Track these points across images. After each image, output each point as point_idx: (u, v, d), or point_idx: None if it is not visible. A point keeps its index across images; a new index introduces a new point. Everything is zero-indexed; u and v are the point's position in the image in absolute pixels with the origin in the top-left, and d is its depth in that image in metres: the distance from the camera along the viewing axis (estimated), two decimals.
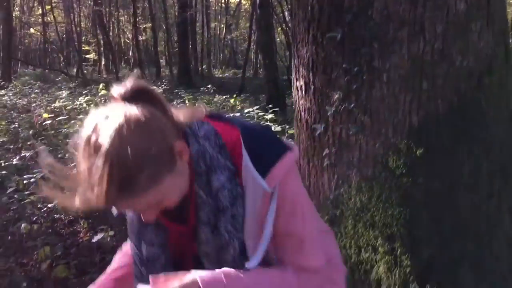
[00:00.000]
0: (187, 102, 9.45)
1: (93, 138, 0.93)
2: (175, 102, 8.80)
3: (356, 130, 1.75)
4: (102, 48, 24.04)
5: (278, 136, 1.19)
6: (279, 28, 17.68)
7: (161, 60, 24.77)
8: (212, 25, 27.86)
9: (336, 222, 1.87)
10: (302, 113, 1.98)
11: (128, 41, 26.72)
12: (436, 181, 1.65)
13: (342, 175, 1.83)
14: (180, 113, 1.10)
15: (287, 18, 15.28)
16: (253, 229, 1.11)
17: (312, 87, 1.88)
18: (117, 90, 1.02)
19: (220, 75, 22.87)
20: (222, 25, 26.95)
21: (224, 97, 10.60)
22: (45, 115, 6.23)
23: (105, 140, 0.92)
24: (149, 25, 22.52)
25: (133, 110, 0.97)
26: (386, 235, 1.72)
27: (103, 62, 24.20)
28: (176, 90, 12.38)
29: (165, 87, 13.22)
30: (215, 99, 10.69)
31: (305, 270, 1.14)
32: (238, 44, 30.49)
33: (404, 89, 1.67)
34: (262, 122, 5.37)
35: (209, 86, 13.08)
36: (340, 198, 1.85)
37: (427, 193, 1.65)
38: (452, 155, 1.65)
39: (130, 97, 1.01)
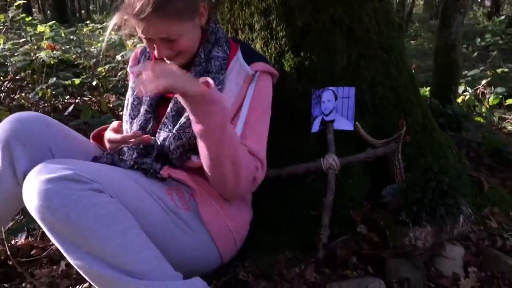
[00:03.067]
0: (62, 34, 8.71)
1: None
2: None
3: None
4: None
5: None
6: None
7: (33, 9, 22.52)
8: None
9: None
10: None
11: None
12: None
13: None
14: None
15: None
16: (229, 106, 1.38)
17: None
18: None
19: (102, 21, 21.40)
20: None
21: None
22: None
23: None
24: None
25: None
26: (262, 9, 1.69)
27: None
28: (48, 23, 11.26)
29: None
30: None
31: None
32: None
33: None
34: None
35: (87, 22, 12.16)
36: None
37: None
38: None
39: None
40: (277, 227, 1.58)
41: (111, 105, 4.04)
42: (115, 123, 1.56)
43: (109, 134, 1.49)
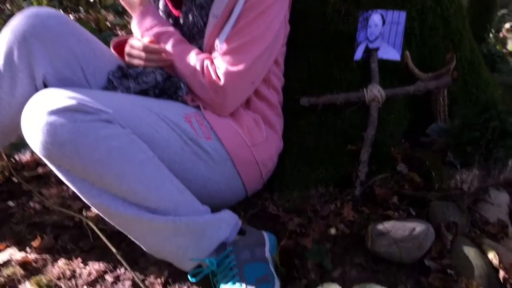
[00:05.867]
0: None
1: None
2: None
3: None
4: None
5: None
6: None
7: None
8: None
9: None
10: None
11: None
12: None
13: None
14: None
15: None
16: (218, 12, 1.21)
17: None
18: None
19: None
20: None
21: None
22: None
23: None
24: None
25: None
26: None
27: None
28: None
29: None
30: None
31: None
32: None
33: None
34: None
35: None
36: None
37: None
38: None
39: None
40: (309, 160, 1.46)
41: (109, 24, 3.79)
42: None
43: (134, 40, 1.31)
